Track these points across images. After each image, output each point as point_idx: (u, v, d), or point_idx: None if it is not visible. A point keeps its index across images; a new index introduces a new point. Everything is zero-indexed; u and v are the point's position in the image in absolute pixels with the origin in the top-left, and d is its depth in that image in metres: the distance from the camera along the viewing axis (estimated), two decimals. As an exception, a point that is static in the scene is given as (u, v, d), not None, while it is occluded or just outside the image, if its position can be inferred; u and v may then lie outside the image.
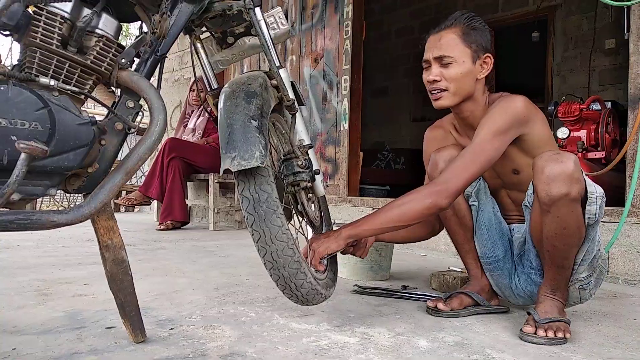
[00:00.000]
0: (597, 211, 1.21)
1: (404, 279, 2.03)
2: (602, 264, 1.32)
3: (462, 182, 1.22)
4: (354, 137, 3.64)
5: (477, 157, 1.23)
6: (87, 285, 1.69)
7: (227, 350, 1.07)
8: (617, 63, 5.11)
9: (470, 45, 1.31)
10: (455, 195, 1.22)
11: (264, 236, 1.06)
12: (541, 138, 1.32)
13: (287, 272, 1.09)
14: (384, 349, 1.12)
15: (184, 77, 5.18)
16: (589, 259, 1.28)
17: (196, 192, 4.69)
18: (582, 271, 1.29)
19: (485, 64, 1.34)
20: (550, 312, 1.27)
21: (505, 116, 1.26)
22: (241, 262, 2.31)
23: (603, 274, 1.34)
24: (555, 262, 1.26)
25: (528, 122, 1.29)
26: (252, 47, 1.34)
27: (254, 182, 1.06)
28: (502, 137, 1.25)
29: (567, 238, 1.21)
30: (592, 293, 1.36)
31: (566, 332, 1.22)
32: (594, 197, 1.19)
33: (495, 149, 1.24)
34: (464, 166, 1.23)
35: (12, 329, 1.18)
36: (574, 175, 1.15)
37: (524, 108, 1.27)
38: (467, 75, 1.31)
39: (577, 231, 1.21)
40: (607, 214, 2.18)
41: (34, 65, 0.91)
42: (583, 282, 1.31)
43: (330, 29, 3.74)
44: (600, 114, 3.15)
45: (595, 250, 1.28)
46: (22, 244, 2.72)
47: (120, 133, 1.02)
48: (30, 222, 0.86)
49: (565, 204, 1.17)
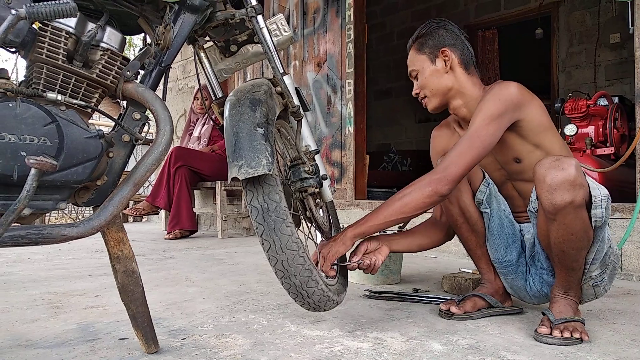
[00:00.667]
0: (603, 214, 1.19)
1: (415, 282, 2.02)
2: (614, 259, 1.30)
3: (461, 168, 1.23)
4: (360, 140, 3.63)
5: (473, 142, 1.24)
6: (98, 296, 1.70)
7: (240, 359, 1.07)
8: (623, 57, 5.07)
9: (424, 51, 1.43)
10: (454, 182, 1.22)
11: (274, 245, 1.06)
12: (540, 124, 1.31)
13: (299, 281, 1.09)
14: (397, 353, 1.11)
15: (187, 86, 5.21)
16: (600, 258, 1.26)
17: (203, 200, 4.70)
18: (594, 270, 1.28)
19: (445, 56, 1.41)
20: (564, 312, 1.26)
21: (499, 102, 1.27)
22: (250, 269, 2.31)
23: (616, 269, 1.33)
24: (565, 265, 1.25)
25: (523, 107, 1.28)
26: (256, 54, 1.35)
27: (262, 192, 1.06)
28: (496, 121, 1.25)
29: (575, 243, 1.21)
30: (607, 289, 1.34)
31: (583, 334, 1.20)
32: (599, 201, 1.18)
33: (490, 134, 1.24)
34: (461, 153, 1.24)
35: (26, 342, 1.19)
36: (576, 182, 1.14)
37: (517, 93, 1.28)
38: (432, 76, 1.41)
39: (584, 235, 1.20)
40: (619, 210, 2.16)
41: (40, 81, 0.92)
42: (596, 280, 1.30)
43: (332, 33, 3.75)
44: (607, 109, 3.12)
45: (605, 248, 1.26)
46: (33, 257, 2.74)
47: (128, 145, 1.02)
48: (41, 236, 0.86)
49: (570, 211, 1.16)
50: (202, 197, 4.71)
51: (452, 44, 1.42)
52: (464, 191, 1.45)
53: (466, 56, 1.42)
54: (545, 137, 1.32)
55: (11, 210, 0.80)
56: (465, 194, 1.45)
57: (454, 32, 1.43)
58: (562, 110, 3.22)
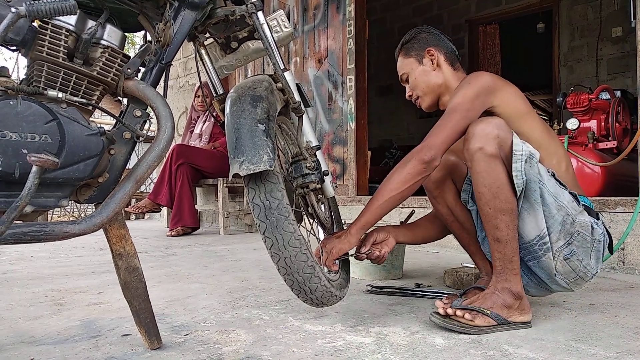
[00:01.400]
0: (523, 167, 1.20)
1: (417, 277, 2.03)
2: (582, 230, 1.26)
3: (440, 137, 1.26)
4: (361, 136, 3.63)
5: (449, 116, 1.29)
6: (101, 293, 1.70)
7: (242, 354, 1.07)
8: (625, 51, 5.05)
9: (411, 54, 1.52)
10: (435, 148, 1.24)
11: (276, 243, 1.07)
12: (515, 110, 1.33)
13: (302, 277, 1.10)
14: (399, 348, 1.11)
15: (188, 84, 5.21)
16: (555, 225, 1.24)
17: (205, 197, 4.71)
18: (556, 240, 1.26)
19: (431, 56, 1.49)
20: (475, 301, 1.26)
21: (471, 86, 1.32)
22: (253, 265, 2.31)
23: (591, 242, 1.27)
24: (490, 233, 1.25)
25: (496, 92, 1.32)
26: (256, 51, 1.35)
27: (264, 189, 1.06)
28: (471, 101, 1.29)
29: (492, 201, 1.22)
30: (590, 267, 1.29)
31: (469, 318, 1.20)
32: (519, 155, 1.21)
33: (465, 109, 1.28)
34: (439, 125, 1.29)
35: (29, 339, 1.20)
36: (492, 133, 1.20)
37: (490, 79, 1.33)
38: (421, 75, 1.50)
39: (500, 192, 1.21)
40: (621, 204, 2.16)
41: (41, 79, 0.92)
42: (566, 253, 1.26)
43: (333, 29, 3.74)
44: (609, 103, 3.11)
45: (561, 215, 1.24)
46: (36, 254, 2.75)
47: (129, 142, 1.02)
48: (43, 233, 0.87)
49: (481, 158, 1.21)
50: (204, 194, 4.71)
51: (436, 44, 1.51)
52: (449, 190, 1.50)
53: (451, 54, 1.51)
54: (524, 124, 1.33)
55: (13, 208, 0.80)
56: (449, 194, 1.50)
57: (436, 34, 1.53)
58: (564, 105, 3.21)
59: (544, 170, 1.26)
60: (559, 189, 1.26)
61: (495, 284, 1.27)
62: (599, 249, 1.30)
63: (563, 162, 1.36)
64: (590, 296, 1.65)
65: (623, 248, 2.11)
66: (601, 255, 1.32)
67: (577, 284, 1.33)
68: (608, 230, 1.34)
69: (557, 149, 1.36)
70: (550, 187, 1.25)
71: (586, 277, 1.31)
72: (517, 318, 1.26)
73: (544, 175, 1.25)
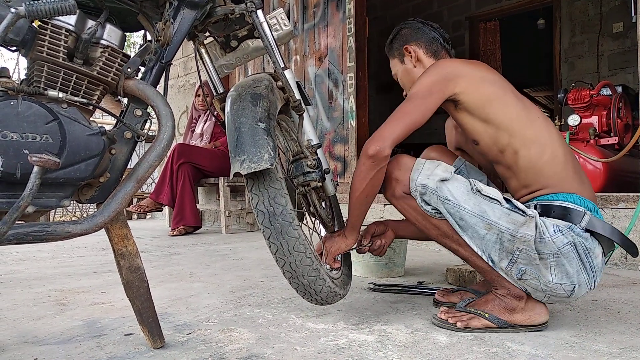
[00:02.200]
0: (421, 202, 1.20)
1: (419, 275, 2.02)
2: (523, 246, 1.14)
3: (388, 128, 1.22)
4: (362, 134, 3.63)
5: (402, 106, 1.26)
6: (103, 293, 1.71)
7: (245, 353, 1.07)
8: (626, 47, 5.03)
9: (394, 55, 1.52)
10: (381, 140, 1.19)
11: (281, 248, 1.08)
12: (481, 95, 1.24)
13: (307, 280, 1.12)
14: (402, 345, 1.11)
15: (189, 83, 5.20)
16: (490, 246, 1.16)
17: (207, 197, 4.71)
18: (499, 260, 1.17)
19: (408, 53, 1.47)
20: (476, 304, 1.26)
21: (429, 74, 1.28)
22: (255, 264, 2.31)
23: (544, 256, 1.14)
24: (457, 255, 1.26)
25: (457, 79, 1.25)
26: (256, 49, 1.34)
27: (267, 196, 1.06)
28: (427, 89, 1.24)
29: (431, 230, 1.24)
30: (553, 283, 1.16)
31: (462, 321, 1.20)
32: (414, 191, 1.21)
33: (420, 97, 1.24)
34: (390, 117, 1.25)
35: (33, 339, 1.20)
36: (392, 175, 1.25)
37: (451, 66, 1.28)
38: (405, 74, 1.49)
39: (429, 223, 1.22)
40: (623, 200, 2.15)
41: (41, 79, 0.92)
42: (514, 272, 1.17)
43: (333, 27, 3.73)
44: (611, 99, 3.10)
45: (493, 234, 1.15)
46: (38, 255, 2.76)
47: (130, 142, 1.02)
48: (45, 233, 0.87)
49: (396, 202, 1.26)
50: (205, 193, 4.72)
51: (415, 39, 1.46)
52: None
53: (433, 44, 1.46)
54: (491, 109, 1.24)
55: (15, 208, 0.80)
56: None
57: (415, 26, 1.48)
58: (565, 101, 3.20)
59: (461, 191, 1.17)
60: (485, 205, 1.16)
61: (495, 291, 1.25)
62: (567, 261, 1.14)
63: (546, 151, 1.21)
64: (592, 292, 1.65)
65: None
66: (578, 265, 1.15)
67: (556, 301, 1.21)
68: (594, 232, 1.16)
69: (538, 136, 1.22)
70: (470, 207, 1.16)
71: (559, 294, 1.18)
72: (525, 321, 1.20)
73: (459, 197, 1.16)
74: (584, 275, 1.17)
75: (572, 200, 1.19)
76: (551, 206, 1.20)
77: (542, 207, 1.21)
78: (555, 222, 1.16)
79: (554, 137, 1.25)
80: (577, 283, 1.17)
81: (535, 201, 1.24)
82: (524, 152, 1.22)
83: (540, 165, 1.22)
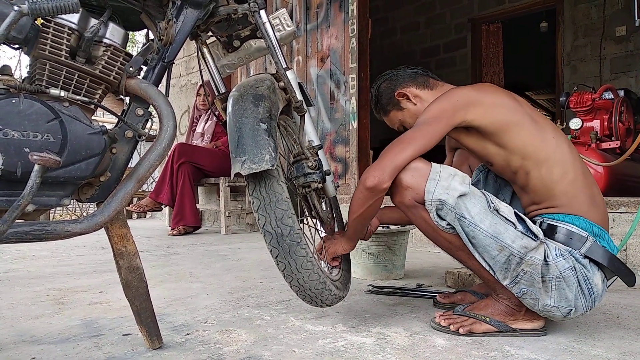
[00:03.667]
0: (435, 216, 1.16)
1: (418, 277, 2.02)
2: (529, 269, 1.14)
3: (390, 159, 1.17)
4: (364, 136, 3.62)
5: (408, 135, 1.21)
6: (102, 293, 1.70)
7: (243, 354, 1.07)
8: (629, 50, 5.03)
9: (388, 109, 1.49)
10: (380, 171, 1.15)
11: (289, 267, 1.09)
12: (495, 123, 1.22)
13: (314, 292, 1.14)
14: (400, 348, 1.11)
15: (191, 82, 5.20)
16: (497, 265, 1.16)
17: (207, 197, 4.71)
18: (503, 278, 1.18)
19: (403, 95, 1.44)
20: (476, 307, 1.26)
21: (439, 103, 1.24)
22: (254, 265, 2.31)
23: (548, 280, 1.15)
24: (463, 264, 1.25)
25: (468, 107, 1.22)
26: (259, 49, 1.34)
27: (274, 217, 1.06)
28: (434, 118, 1.21)
29: (439, 242, 1.22)
30: (550, 306, 1.16)
31: (461, 328, 1.20)
32: (430, 204, 1.16)
33: (427, 125, 1.20)
34: (392, 146, 1.20)
35: (30, 338, 1.20)
36: (403, 183, 1.17)
37: (461, 95, 1.24)
38: (411, 118, 1.43)
39: (439, 235, 1.20)
40: (624, 205, 2.15)
41: (43, 77, 0.92)
42: (515, 290, 1.18)
43: (336, 28, 3.73)
44: (613, 103, 3.10)
45: (504, 256, 1.15)
46: (37, 253, 2.76)
47: (131, 141, 1.02)
48: (45, 232, 0.87)
49: (406, 210, 1.21)
50: (205, 193, 4.71)
51: (400, 82, 1.45)
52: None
53: (418, 78, 1.44)
54: (505, 135, 1.22)
55: (15, 207, 0.80)
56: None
57: (390, 75, 1.48)
58: (567, 104, 3.20)
59: (478, 208, 1.15)
60: (501, 226, 1.14)
61: (496, 296, 1.25)
62: (567, 286, 1.15)
63: (555, 170, 1.20)
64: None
65: (625, 249, 2.10)
66: (577, 290, 1.16)
67: (551, 318, 1.22)
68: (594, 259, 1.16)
69: (550, 156, 1.21)
70: (486, 227, 1.14)
71: (554, 315, 1.18)
72: (525, 325, 1.21)
73: (476, 216, 1.14)
74: (582, 300, 1.17)
75: (577, 223, 1.18)
76: (556, 226, 1.19)
77: (548, 225, 1.20)
78: (557, 246, 1.16)
79: (566, 157, 1.22)
80: (574, 307, 1.17)
81: (542, 217, 1.23)
82: (535, 172, 1.21)
83: (550, 184, 1.21)
